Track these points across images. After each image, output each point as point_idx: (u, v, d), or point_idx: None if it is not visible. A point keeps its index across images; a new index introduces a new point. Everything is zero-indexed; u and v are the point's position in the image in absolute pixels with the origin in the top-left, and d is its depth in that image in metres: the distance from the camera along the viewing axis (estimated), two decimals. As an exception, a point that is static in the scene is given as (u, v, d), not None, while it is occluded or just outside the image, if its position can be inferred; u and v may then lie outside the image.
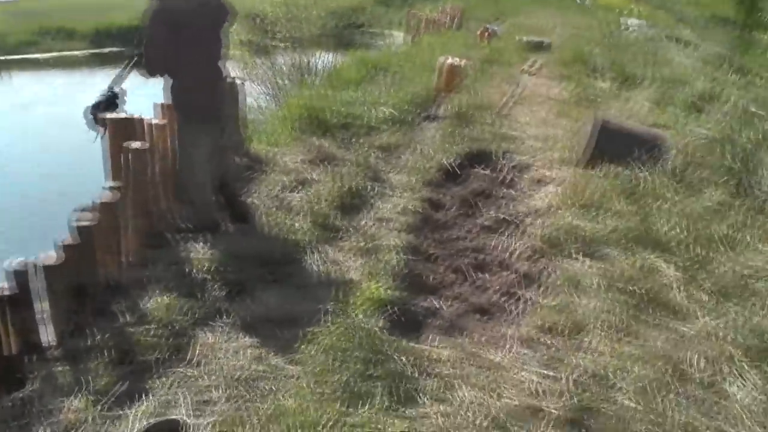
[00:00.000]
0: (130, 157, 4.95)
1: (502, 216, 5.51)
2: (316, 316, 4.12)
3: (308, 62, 14.75)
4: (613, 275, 4.19)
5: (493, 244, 5.11)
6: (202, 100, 5.10)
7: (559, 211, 5.10)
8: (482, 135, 7.35)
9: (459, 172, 6.59)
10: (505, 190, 6.09)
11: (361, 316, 3.96)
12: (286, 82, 14.25)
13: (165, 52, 4.85)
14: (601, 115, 6.16)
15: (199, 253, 4.99)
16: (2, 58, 37.33)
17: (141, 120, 5.39)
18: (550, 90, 9.67)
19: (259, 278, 4.70)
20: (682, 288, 4.06)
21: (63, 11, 33.61)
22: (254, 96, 13.82)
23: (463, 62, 10.42)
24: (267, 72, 14.51)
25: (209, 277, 4.64)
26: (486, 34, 16.56)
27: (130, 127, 5.21)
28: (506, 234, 5.17)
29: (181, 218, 5.48)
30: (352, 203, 5.93)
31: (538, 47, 14.37)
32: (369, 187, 6.24)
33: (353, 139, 7.52)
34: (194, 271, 4.71)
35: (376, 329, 3.82)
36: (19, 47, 36.72)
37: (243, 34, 14.46)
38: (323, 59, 15.59)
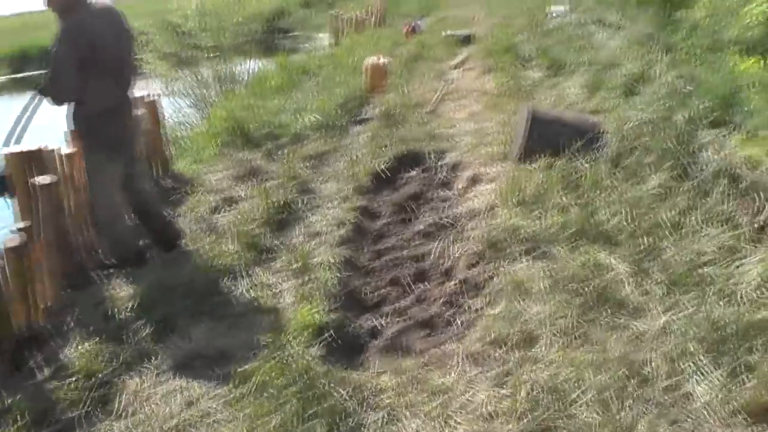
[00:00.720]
0: (38, 193, 4.57)
1: (439, 220, 5.26)
2: (250, 349, 3.83)
3: (232, 71, 14.34)
4: (560, 275, 3.96)
5: (432, 251, 4.85)
6: (111, 127, 4.76)
7: (499, 211, 4.86)
8: (413, 135, 7.10)
9: (392, 176, 6.35)
10: (441, 192, 5.85)
11: (296, 348, 3.66)
12: (211, 93, 13.82)
13: (73, 77, 4.49)
14: (531, 105, 5.95)
15: (122, 289, 4.67)
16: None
17: (50, 151, 5.00)
18: (480, 83, 9.48)
19: (188, 312, 4.38)
20: (633, 282, 3.85)
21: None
22: (179, 111, 13.40)
23: (388, 61, 10.19)
24: (190, 84, 14.05)
25: (134, 315, 4.32)
26: (410, 29, 16.40)
27: (38, 159, 4.81)
28: (445, 239, 4.91)
29: (103, 253, 5.13)
30: (282, 219, 5.65)
31: (465, 40, 14.20)
32: (299, 200, 5.95)
33: (281, 150, 7.22)
34: (117, 311, 4.38)
35: (313, 360, 3.53)
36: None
37: (164, 47, 13.98)
38: (247, 67, 15.21)
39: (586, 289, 3.82)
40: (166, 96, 13.46)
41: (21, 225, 4.47)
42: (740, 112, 5.90)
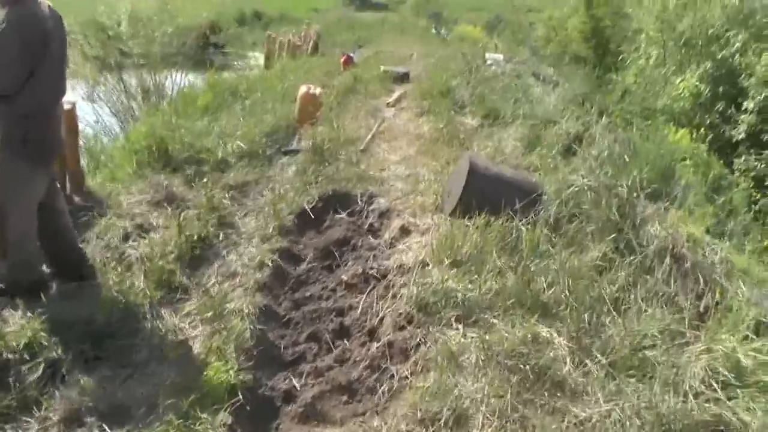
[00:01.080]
0: None
1: (366, 271, 4.93)
2: (150, 408, 3.43)
3: (159, 83, 13.79)
4: (497, 348, 3.68)
5: (356, 305, 4.53)
6: (46, 132, 4.27)
7: (430, 269, 4.56)
8: (343, 174, 6.78)
9: (317, 216, 6.00)
10: (368, 240, 5.53)
11: (202, 414, 3.27)
12: (134, 104, 13.26)
13: (15, 67, 3.98)
14: (469, 156, 5.72)
15: (11, 323, 4.15)
16: None
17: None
18: (415, 125, 9.24)
19: (83, 356, 3.93)
20: (573, 361, 3.61)
21: None
22: (99, 118, 12.78)
23: (321, 91, 9.89)
24: (114, 92, 13.44)
25: (21, 356, 3.82)
26: (347, 60, 16.21)
27: None
28: (372, 294, 4.60)
29: None
30: (197, 255, 5.25)
31: (402, 78, 14.04)
32: (217, 234, 5.55)
33: (202, 177, 6.79)
34: (1, 349, 3.87)
35: (220, 429, 3.15)
36: None
37: (89, 49, 13.34)
38: (176, 80, 14.69)
39: (524, 365, 3.55)
40: (87, 101, 12.92)
41: None
42: (677, 186, 5.83)
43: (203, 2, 16.19)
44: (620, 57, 17.95)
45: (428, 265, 4.61)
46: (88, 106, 12.63)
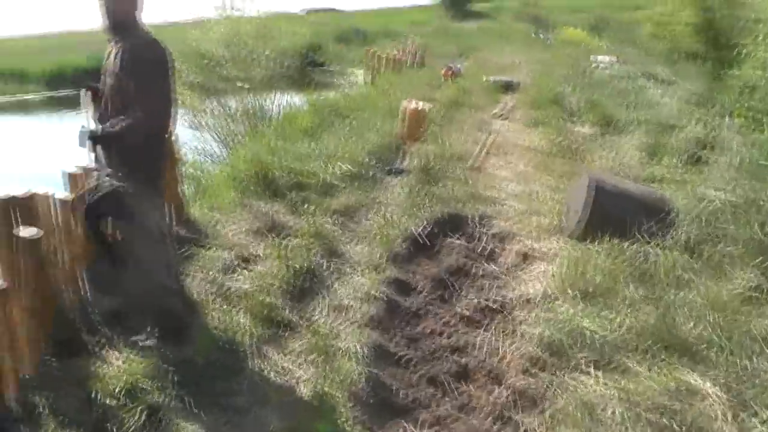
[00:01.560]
0: (20, 247, 3.90)
1: (485, 303, 4.53)
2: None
3: (261, 105, 13.76)
4: (638, 398, 3.21)
5: (476, 342, 4.13)
6: (164, 157, 4.31)
7: (556, 302, 4.11)
8: (454, 194, 6.39)
9: (430, 242, 5.62)
10: (486, 266, 5.11)
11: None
12: (237, 128, 13.25)
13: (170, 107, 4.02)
14: (590, 171, 5.26)
15: (113, 364, 3.98)
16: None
17: (44, 196, 4.36)
18: (526, 137, 8.78)
19: (183, 400, 3.69)
20: (728, 417, 3.10)
21: (14, 53, 32.59)
22: (204, 144, 12.85)
23: (427, 106, 9.54)
24: (217, 117, 13.50)
25: (121, 401, 3.62)
26: (450, 72, 15.83)
27: (24, 207, 4.15)
28: (492, 328, 4.19)
29: (136, 322, 4.36)
30: (303, 288, 4.95)
31: (508, 87, 13.59)
32: (324, 264, 5.26)
33: (306, 202, 6.54)
34: (102, 393, 3.68)
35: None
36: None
37: (191, 75, 13.43)
38: (279, 101, 14.65)
39: (672, 421, 3.07)
40: (192, 128, 13.02)
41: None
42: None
43: (302, 22, 16.15)
44: (737, 50, 16.79)
45: (554, 297, 4.15)
46: (193, 134, 12.74)
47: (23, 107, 26.50)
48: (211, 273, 5.22)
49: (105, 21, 3.88)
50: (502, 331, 4.12)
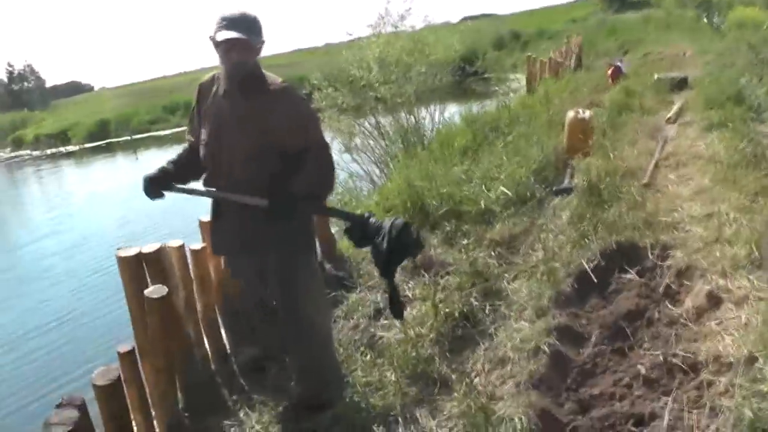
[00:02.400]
0: (148, 306, 3.72)
1: (668, 359, 3.85)
2: None
3: (417, 123, 13.44)
4: None
5: (660, 412, 3.48)
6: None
7: (761, 366, 3.37)
8: (625, 220, 5.68)
9: (600, 278, 4.98)
10: (667, 310, 4.42)
11: None
12: (394, 147, 13.01)
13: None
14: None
15: (248, 426, 3.75)
16: (128, 138, 39.18)
17: (176, 248, 4.19)
18: (704, 144, 7.85)
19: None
20: None
21: (185, 87, 34.48)
22: (359, 168, 12.73)
23: (591, 115, 8.82)
24: (371, 138, 13.33)
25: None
26: (614, 72, 14.92)
27: (154, 262, 3.98)
28: (680, 395, 3.53)
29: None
30: (459, 335, 4.49)
31: (678, 85, 12.52)
32: (483, 307, 4.77)
33: (463, 233, 6.08)
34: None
35: None
36: (143, 126, 38.27)
37: (345, 100, 13.34)
38: (434, 116, 14.31)
39: None
40: (344, 152, 12.91)
41: (123, 347, 3.68)
42: None
43: (456, 32, 15.72)
44: None
45: (757, 360, 3.42)
46: (339, 156, 12.63)
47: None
48: (358, 318, 4.90)
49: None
50: (690, 400, 3.45)
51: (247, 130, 3.33)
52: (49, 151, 42.68)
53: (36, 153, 43.23)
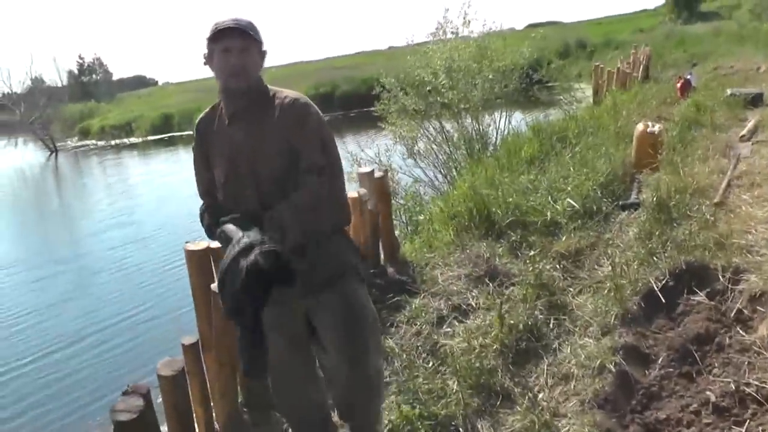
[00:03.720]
0: (214, 300, 3.77)
1: (740, 387, 3.75)
2: None
3: (482, 130, 13.37)
4: None
5: (732, 441, 3.40)
6: None
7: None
8: (695, 240, 5.55)
9: (668, 298, 4.88)
10: (739, 336, 4.31)
11: None
12: (459, 153, 12.97)
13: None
14: None
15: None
16: (190, 132, 40.01)
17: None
18: (781, 165, 7.64)
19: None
20: None
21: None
22: (423, 174, 12.74)
23: (660, 129, 8.66)
24: (435, 143, 13.31)
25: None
26: (684, 85, 14.63)
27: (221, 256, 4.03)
28: (755, 427, 3.43)
29: None
30: (523, 348, 4.45)
31: (753, 101, 12.20)
32: (547, 321, 4.73)
33: (529, 244, 6.04)
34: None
35: None
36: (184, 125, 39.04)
37: (410, 103, 13.35)
38: (499, 125, 14.24)
39: None
40: (409, 158, 12.93)
41: (188, 339, 3.74)
42: None
43: (522, 40, 15.63)
44: None
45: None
46: (401, 161, 12.67)
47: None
48: (421, 325, 4.89)
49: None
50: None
51: (267, 150, 2.84)
52: (113, 142, 43.83)
53: (101, 143, 44.45)
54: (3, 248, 15.98)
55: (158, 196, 20.36)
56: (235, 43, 2.79)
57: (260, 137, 2.85)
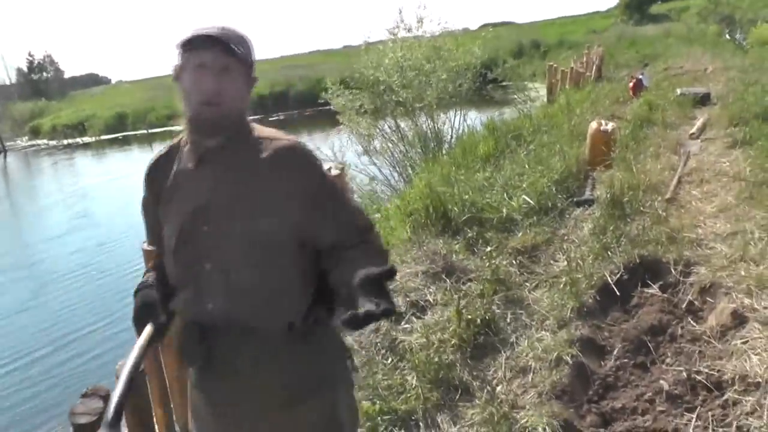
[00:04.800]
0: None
1: (692, 375, 3.85)
2: None
3: (436, 128, 13.45)
4: None
5: (683, 429, 3.48)
6: None
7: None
8: (648, 234, 5.69)
9: (623, 292, 4.99)
10: (690, 327, 4.42)
11: None
12: (414, 151, 13.03)
13: None
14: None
15: None
16: (145, 131, 39.57)
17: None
18: (728, 161, 7.84)
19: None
20: None
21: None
22: (377, 171, 12.76)
23: (612, 126, 8.82)
24: (390, 142, 13.34)
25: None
26: (635, 85, 14.90)
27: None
28: (702, 412, 3.53)
29: None
30: (481, 342, 4.50)
31: (701, 100, 12.49)
32: (504, 315, 4.79)
33: (485, 240, 6.09)
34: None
35: None
36: (160, 120, 38.66)
37: (362, 101, 13.36)
38: (454, 123, 14.32)
39: None
40: (363, 155, 12.94)
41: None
42: None
43: (476, 40, 15.74)
44: None
45: (782, 381, 3.43)
46: (363, 160, 12.68)
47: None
48: (380, 322, 4.90)
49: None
50: (715, 418, 3.45)
51: (248, 207, 2.01)
52: (66, 141, 43.05)
53: (53, 143, 43.62)
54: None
55: (115, 197, 20.07)
56: (214, 59, 1.97)
57: (239, 188, 2.04)
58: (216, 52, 1.96)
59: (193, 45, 1.99)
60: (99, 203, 19.73)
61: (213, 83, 1.96)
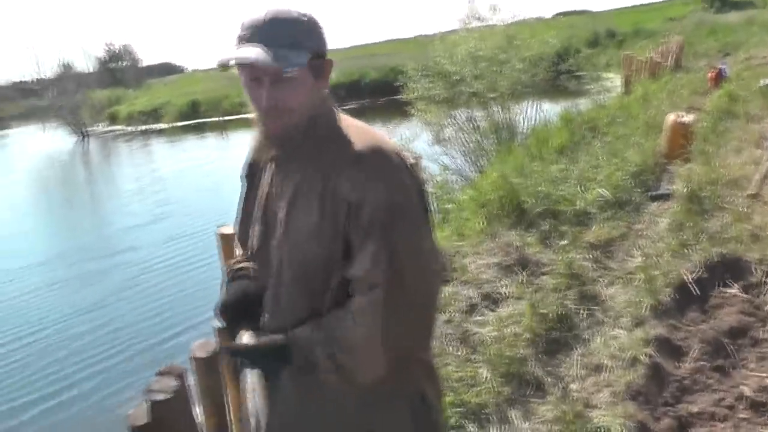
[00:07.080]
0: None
1: (776, 381, 3.73)
2: None
3: (510, 119, 13.30)
4: None
5: (769, 437, 3.38)
6: None
7: None
8: (729, 231, 5.52)
9: (701, 291, 4.85)
10: (773, 330, 4.28)
11: None
12: (488, 141, 12.93)
13: None
14: None
15: None
16: (218, 119, 40.22)
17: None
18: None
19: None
20: None
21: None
22: (450, 161, 12.69)
23: (691, 118, 8.57)
24: (463, 132, 13.26)
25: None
26: (716, 76, 14.44)
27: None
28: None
29: None
30: (554, 338, 4.45)
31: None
32: (578, 311, 4.72)
33: (560, 234, 6.02)
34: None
35: None
36: (233, 107, 39.19)
37: (435, 90, 13.30)
38: (528, 113, 14.14)
39: None
40: (435, 144, 12.90)
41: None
42: None
43: (550, 29, 15.47)
44: None
45: None
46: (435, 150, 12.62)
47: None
48: (452, 313, 4.90)
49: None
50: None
51: (299, 224, 1.79)
52: (141, 127, 44.06)
53: (130, 128, 44.71)
54: (54, 241, 15.92)
55: (195, 183, 20.42)
56: (264, 71, 1.70)
57: (296, 203, 1.80)
58: (255, 54, 1.65)
59: (237, 61, 1.71)
60: (181, 189, 20.05)
61: (268, 98, 1.71)
